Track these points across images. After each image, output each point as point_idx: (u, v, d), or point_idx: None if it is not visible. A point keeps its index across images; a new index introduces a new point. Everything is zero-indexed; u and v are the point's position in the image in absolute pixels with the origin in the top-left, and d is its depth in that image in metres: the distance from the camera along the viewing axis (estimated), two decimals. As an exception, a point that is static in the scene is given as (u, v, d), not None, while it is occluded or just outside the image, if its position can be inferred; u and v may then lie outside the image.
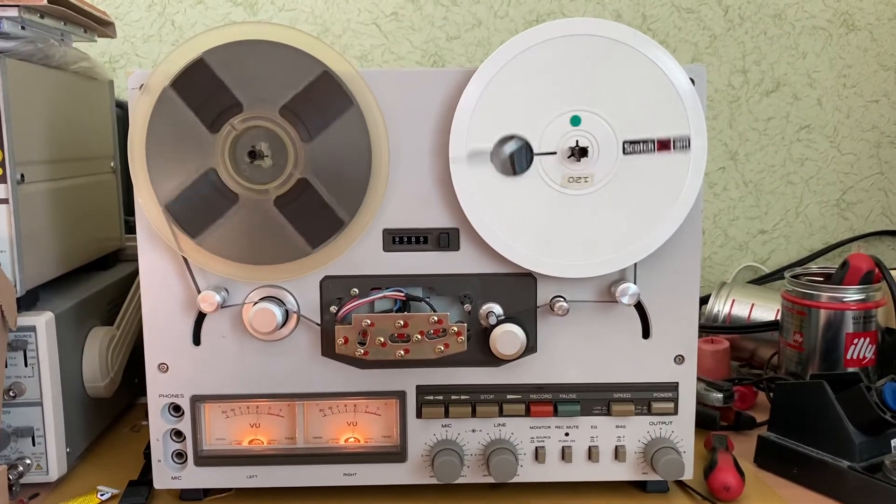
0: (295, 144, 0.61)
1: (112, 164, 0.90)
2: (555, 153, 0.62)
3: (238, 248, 0.63)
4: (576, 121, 0.62)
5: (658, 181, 0.63)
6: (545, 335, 0.66)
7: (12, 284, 0.66)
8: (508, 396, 0.67)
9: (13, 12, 0.68)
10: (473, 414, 0.67)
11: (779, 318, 0.94)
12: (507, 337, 0.64)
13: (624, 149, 0.62)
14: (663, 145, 0.61)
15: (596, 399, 0.68)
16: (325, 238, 0.62)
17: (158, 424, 0.67)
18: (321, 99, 0.61)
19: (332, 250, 0.63)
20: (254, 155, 0.61)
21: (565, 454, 0.68)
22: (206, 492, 0.69)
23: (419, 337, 0.63)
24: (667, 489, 0.70)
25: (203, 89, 0.60)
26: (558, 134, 0.62)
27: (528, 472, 0.68)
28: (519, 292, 0.65)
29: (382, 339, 0.63)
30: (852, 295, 0.86)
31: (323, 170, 0.61)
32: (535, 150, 0.62)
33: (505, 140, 0.62)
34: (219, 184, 0.61)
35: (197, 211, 0.62)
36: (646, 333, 0.67)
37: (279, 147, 0.61)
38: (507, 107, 0.62)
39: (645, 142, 0.61)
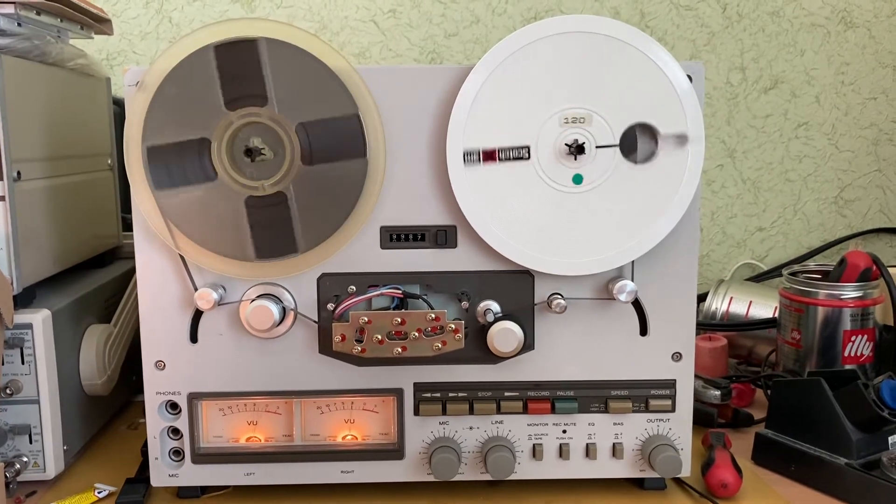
0: (294, 160, 0.61)
1: (109, 162, 0.90)
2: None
3: (189, 221, 0.62)
4: (577, 179, 0.62)
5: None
6: (543, 332, 0.66)
7: (9, 282, 0.66)
8: (506, 394, 0.67)
9: (9, 9, 0.68)
10: (471, 411, 0.67)
11: (777, 315, 0.94)
12: (505, 334, 0.64)
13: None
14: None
15: (593, 396, 0.68)
16: (273, 255, 0.62)
17: (156, 422, 0.67)
18: (340, 137, 0.61)
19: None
20: (251, 150, 0.61)
21: (563, 451, 0.68)
22: (204, 489, 0.69)
23: (416, 334, 0.63)
24: (664, 486, 0.70)
25: (241, 67, 0.60)
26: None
27: (526, 470, 0.68)
28: (516, 290, 0.65)
29: (380, 337, 0.63)
30: (850, 292, 0.86)
31: (305, 195, 0.61)
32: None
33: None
34: (205, 156, 0.61)
35: (172, 167, 0.61)
36: (643, 331, 0.67)
37: (278, 155, 0.61)
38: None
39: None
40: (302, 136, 0.61)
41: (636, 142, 0.62)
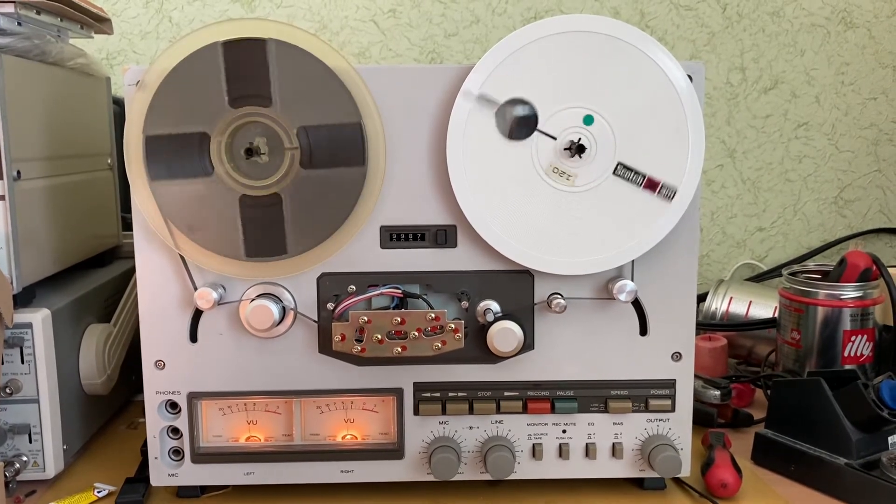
0: (293, 163, 0.61)
1: (109, 161, 0.90)
2: (555, 138, 0.61)
3: (182, 213, 0.62)
4: (588, 120, 0.62)
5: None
6: (542, 332, 0.66)
7: (9, 281, 0.66)
8: (506, 393, 0.67)
9: (9, 8, 0.68)
10: (471, 411, 0.67)
11: (776, 315, 0.94)
12: (505, 334, 0.64)
13: (615, 169, 0.62)
14: (650, 185, 0.61)
15: (593, 396, 0.68)
16: (262, 255, 0.62)
17: (155, 421, 0.67)
18: (340, 144, 0.61)
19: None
20: (251, 150, 0.61)
21: (562, 451, 0.68)
22: (203, 489, 0.69)
23: (416, 334, 0.63)
24: (664, 486, 0.70)
25: (249, 66, 0.60)
26: (556, 130, 0.62)
27: (526, 469, 0.68)
28: (516, 289, 0.65)
29: (380, 336, 0.63)
30: (850, 292, 0.86)
31: (301, 200, 0.61)
32: (539, 126, 0.61)
33: (517, 101, 0.61)
34: (205, 151, 0.61)
35: (169, 158, 0.61)
36: (643, 331, 0.67)
37: (278, 157, 0.61)
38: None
39: (636, 172, 0.62)
40: (303, 139, 0.61)
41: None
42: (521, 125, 0.62)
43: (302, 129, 0.61)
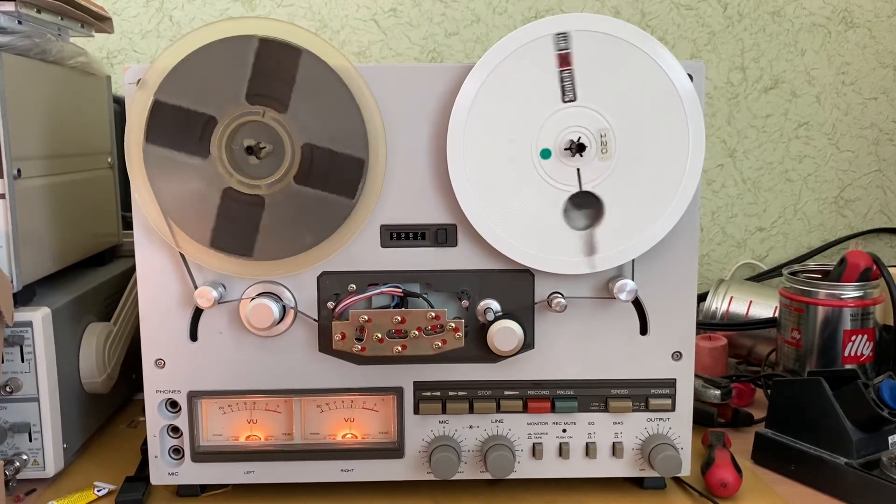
0: (279, 121, 0.61)
1: (109, 160, 0.90)
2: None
3: (292, 242, 0.62)
4: (546, 154, 0.62)
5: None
6: (542, 331, 0.66)
7: (9, 280, 0.66)
8: (506, 393, 0.67)
9: (10, 6, 0.68)
10: (471, 410, 0.67)
11: (777, 315, 0.94)
12: (505, 333, 0.64)
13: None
14: (564, 61, 0.61)
15: (593, 395, 0.67)
16: (356, 183, 0.62)
17: (155, 420, 0.67)
18: (271, 65, 0.60)
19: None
20: (252, 151, 0.61)
21: (562, 450, 0.68)
22: (203, 488, 0.69)
23: (416, 333, 0.63)
24: (664, 486, 0.70)
25: (174, 125, 0.60)
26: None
27: (526, 469, 0.68)
28: (516, 288, 0.65)
29: (380, 335, 0.63)
30: (850, 292, 0.86)
31: (316, 126, 0.61)
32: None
33: (570, 208, 0.63)
34: (241, 197, 0.61)
35: (237, 233, 0.62)
36: (643, 330, 0.67)
37: (268, 132, 0.61)
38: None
39: (564, 78, 0.61)
40: (259, 101, 0.60)
41: None
42: (585, 213, 0.63)
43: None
